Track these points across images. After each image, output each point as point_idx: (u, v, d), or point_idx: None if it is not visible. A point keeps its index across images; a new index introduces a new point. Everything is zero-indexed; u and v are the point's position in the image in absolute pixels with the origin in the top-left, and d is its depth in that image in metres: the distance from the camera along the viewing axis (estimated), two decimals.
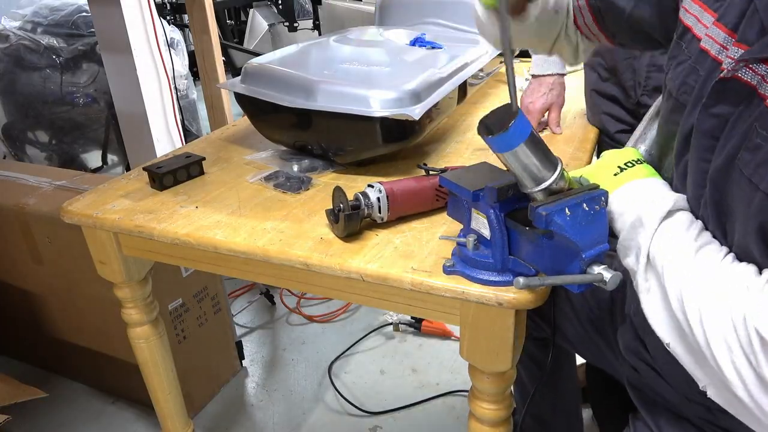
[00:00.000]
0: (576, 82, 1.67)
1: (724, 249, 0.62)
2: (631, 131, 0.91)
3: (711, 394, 0.63)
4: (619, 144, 1.21)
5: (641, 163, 0.75)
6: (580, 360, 1.26)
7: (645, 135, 0.87)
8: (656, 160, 0.82)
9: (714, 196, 0.64)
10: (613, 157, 0.76)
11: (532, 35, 0.88)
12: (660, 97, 0.80)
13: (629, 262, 0.69)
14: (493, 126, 0.63)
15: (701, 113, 0.63)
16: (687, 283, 0.60)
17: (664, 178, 0.75)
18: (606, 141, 1.33)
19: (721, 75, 0.60)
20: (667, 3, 0.75)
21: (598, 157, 1.35)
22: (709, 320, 0.58)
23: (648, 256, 0.65)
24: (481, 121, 0.66)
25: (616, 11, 0.80)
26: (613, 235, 0.70)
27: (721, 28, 0.62)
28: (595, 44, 0.90)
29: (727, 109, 0.60)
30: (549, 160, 0.66)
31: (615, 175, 0.73)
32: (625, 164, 0.74)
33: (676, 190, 0.71)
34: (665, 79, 0.73)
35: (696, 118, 0.64)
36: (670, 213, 0.66)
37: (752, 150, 0.56)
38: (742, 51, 0.59)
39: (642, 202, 0.69)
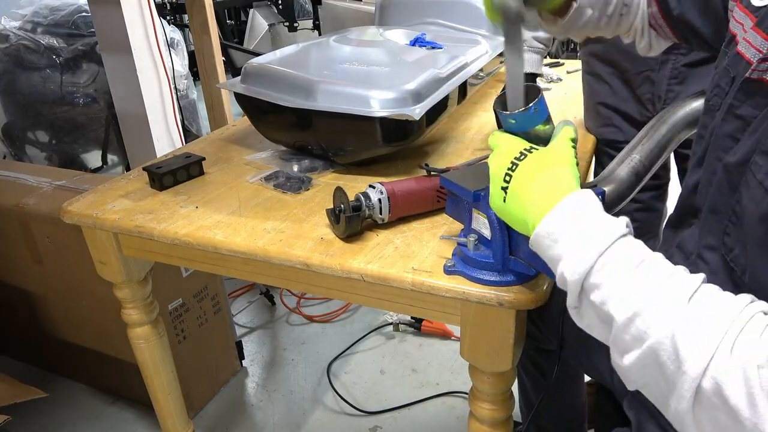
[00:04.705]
0: (576, 82, 1.67)
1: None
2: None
3: None
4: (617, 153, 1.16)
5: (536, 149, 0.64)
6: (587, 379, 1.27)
7: (642, 144, 0.87)
8: (645, 170, 0.81)
9: (716, 196, 0.62)
10: (508, 141, 0.66)
11: (597, 30, 0.90)
12: (664, 108, 0.80)
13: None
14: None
15: (726, 114, 0.62)
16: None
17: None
18: (605, 150, 1.31)
19: (747, 75, 0.58)
20: (715, 7, 0.76)
21: (596, 163, 1.36)
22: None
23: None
24: (499, 97, 0.66)
25: (670, 6, 0.83)
26: None
27: (759, 32, 0.60)
28: (664, 39, 0.90)
29: (750, 111, 0.59)
30: None
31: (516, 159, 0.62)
32: (525, 150, 0.63)
33: (687, 194, 0.68)
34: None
35: (720, 119, 0.63)
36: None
37: (767, 154, 0.54)
38: None
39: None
